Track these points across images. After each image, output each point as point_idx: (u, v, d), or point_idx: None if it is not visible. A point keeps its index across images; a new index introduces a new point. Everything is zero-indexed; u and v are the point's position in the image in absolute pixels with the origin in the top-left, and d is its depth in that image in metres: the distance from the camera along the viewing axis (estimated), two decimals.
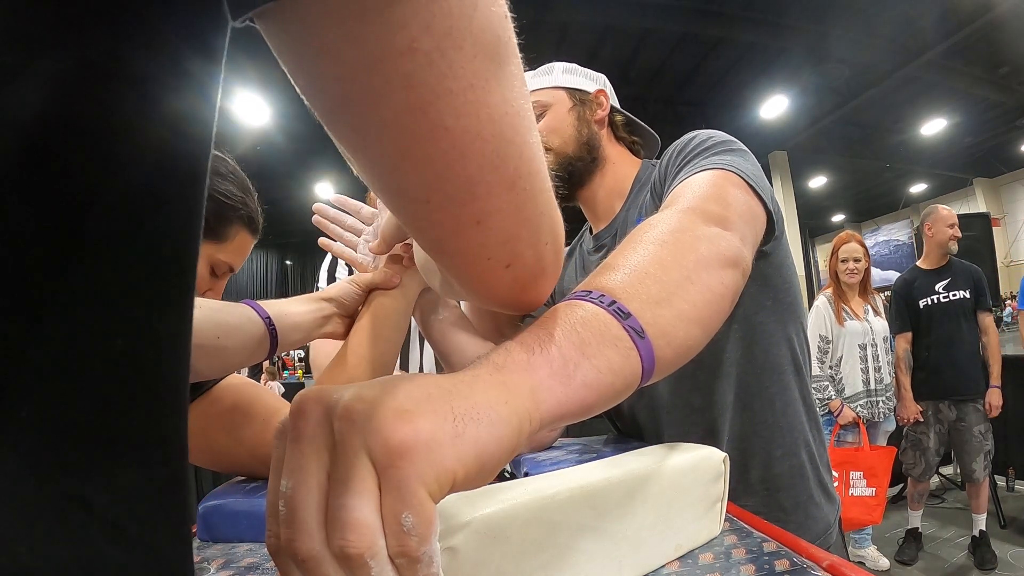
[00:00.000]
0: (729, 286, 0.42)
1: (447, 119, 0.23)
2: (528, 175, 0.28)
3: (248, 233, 0.74)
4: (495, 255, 0.30)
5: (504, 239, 0.29)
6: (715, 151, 0.63)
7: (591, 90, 0.84)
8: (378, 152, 0.25)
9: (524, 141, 0.27)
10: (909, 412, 2.49)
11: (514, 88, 0.26)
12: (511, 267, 0.31)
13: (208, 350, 0.55)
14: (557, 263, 0.35)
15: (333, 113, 0.24)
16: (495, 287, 0.32)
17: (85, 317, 0.17)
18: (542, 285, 0.34)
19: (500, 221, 0.28)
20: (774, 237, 0.66)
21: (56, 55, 0.16)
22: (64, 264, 0.16)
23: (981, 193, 10.65)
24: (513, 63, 0.25)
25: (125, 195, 0.18)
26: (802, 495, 0.72)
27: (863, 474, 2.22)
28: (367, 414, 0.21)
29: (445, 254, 0.31)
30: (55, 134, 0.16)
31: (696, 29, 5.35)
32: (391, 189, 0.27)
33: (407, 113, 0.23)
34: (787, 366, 0.73)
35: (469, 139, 0.24)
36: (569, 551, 0.34)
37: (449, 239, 0.29)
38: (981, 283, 2.51)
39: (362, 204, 0.77)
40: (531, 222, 0.30)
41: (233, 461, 0.63)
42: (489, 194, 0.27)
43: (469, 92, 0.23)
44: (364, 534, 0.20)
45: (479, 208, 0.27)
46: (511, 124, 0.26)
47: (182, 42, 0.20)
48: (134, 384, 0.18)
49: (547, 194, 0.31)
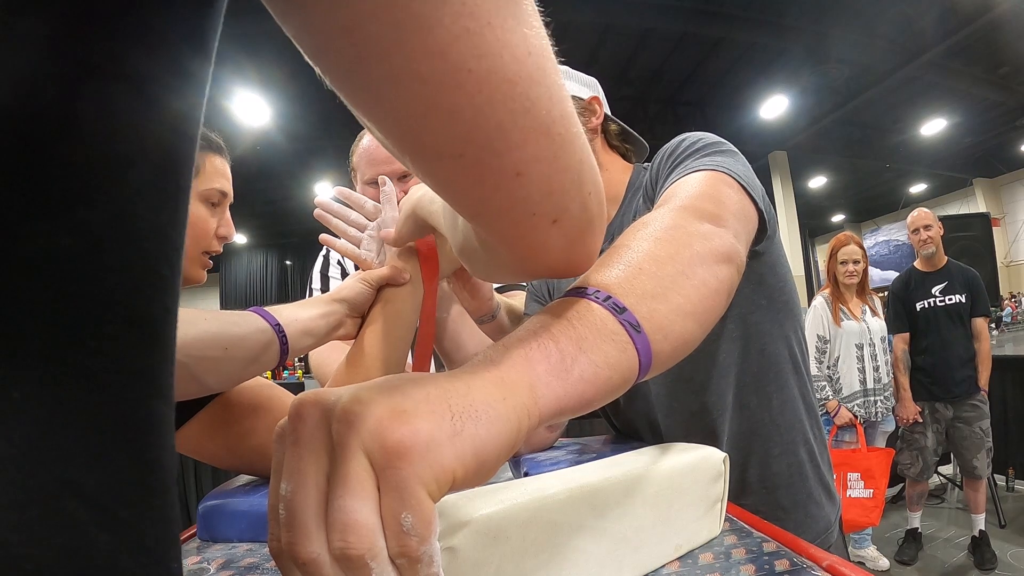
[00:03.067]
0: (724, 281, 0.42)
1: (469, 61, 0.22)
2: (561, 118, 0.27)
3: (215, 155, 0.74)
4: (540, 209, 0.29)
5: (547, 191, 0.28)
6: (706, 152, 0.64)
7: (585, 97, 0.84)
8: (403, 109, 0.23)
9: (552, 82, 0.26)
10: (908, 412, 2.49)
11: (533, 26, 0.24)
12: (558, 222, 0.30)
13: (217, 362, 0.54)
14: (602, 214, 0.34)
15: (349, 74, 0.23)
16: (544, 247, 0.31)
17: (77, 305, 0.17)
18: (591, 240, 0.33)
19: (540, 170, 0.27)
20: (766, 237, 0.66)
21: (56, 55, 0.16)
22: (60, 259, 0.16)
23: (981, 193, 10.64)
24: None
25: (125, 195, 0.18)
26: (801, 494, 0.72)
27: (860, 475, 2.22)
28: (364, 416, 0.21)
29: (487, 216, 0.30)
30: (54, 134, 0.16)
31: (696, 29, 5.35)
32: (422, 150, 0.26)
33: (426, 59, 0.22)
34: (784, 364, 0.73)
35: (495, 81, 0.23)
36: (569, 551, 0.34)
37: (490, 197, 0.28)
38: (978, 287, 2.51)
39: (366, 198, 0.75)
40: (572, 170, 0.29)
41: (251, 460, 0.62)
42: (525, 141, 0.26)
43: (488, 31, 0.22)
44: (364, 535, 0.20)
45: (516, 158, 0.26)
46: (537, 64, 0.25)
47: (182, 42, 0.20)
48: (122, 367, 0.18)
49: (583, 139, 0.30)
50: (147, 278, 0.19)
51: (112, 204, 0.17)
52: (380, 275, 0.68)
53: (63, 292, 0.16)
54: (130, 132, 0.18)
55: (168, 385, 0.20)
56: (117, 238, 0.18)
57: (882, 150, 8.71)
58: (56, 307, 0.16)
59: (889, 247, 11.06)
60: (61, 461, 0.16)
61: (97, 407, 0.17)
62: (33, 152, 0.15)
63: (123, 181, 0.18)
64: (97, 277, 0.17)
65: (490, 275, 0.42)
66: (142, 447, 0.19)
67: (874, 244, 10.63)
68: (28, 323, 0.15)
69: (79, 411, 0.16)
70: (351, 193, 0.75)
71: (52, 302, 0.16)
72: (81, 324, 0.17)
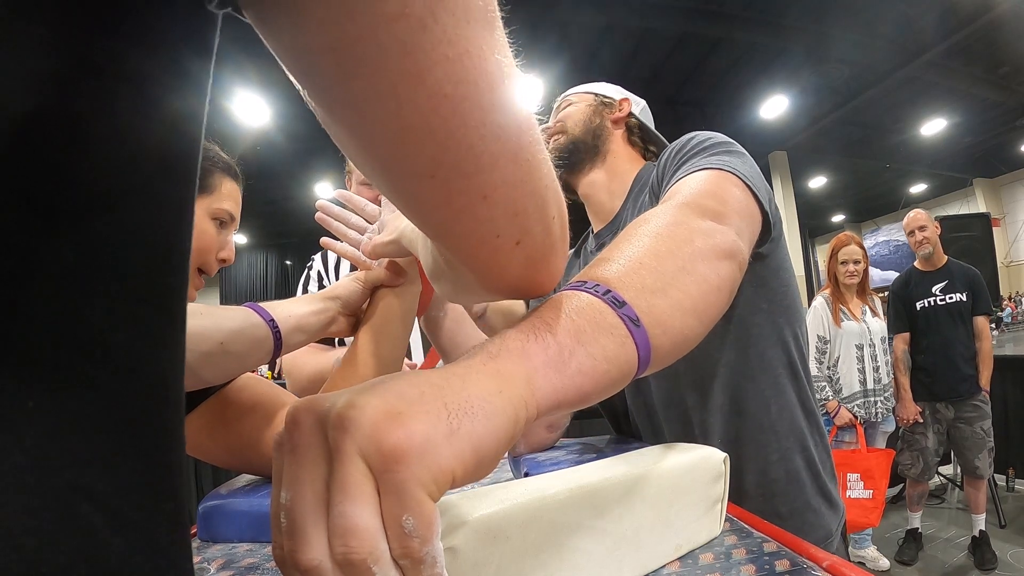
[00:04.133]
0: (725, 278, 0.42)
1: (446, 86, 0.23)
2: (529, 145, 0.28)
3: (231, 180, 0.76)
4: (504, 231, 0.29)
5: (512, 213, 0.29)
6: (713, 151, 0.63)
7: (616, 97, 0.94)
8: (379, 128, 0.24)
9: (520, 110, 0.27)
10: (909, 412, 2.49)
11: (506, 55, 0.25)
12: (521, 244, 0.30)
13: (212, 356, 0.55)
14: (565, 239, 0.34)
15: (329, 91, 0.24)
16: (507, 268, 0.32)
17: (85, 313, 0.17)
18: (554, 263, 0.34)
19: (507, 193, 0.28)
20: (771, 239, 0.66)
21: (56, 55, 0.16)
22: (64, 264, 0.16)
23: (981, 193, 10.64)
24: (499, 28, 0.25)
25: (125, 195, 0.18)
26: (798, 502, 0.71)
27: (860, 476, 2.22)
28: (359, 420, 0.21)
29: (453, 236, 0.30)
30: (55, 134, 0.16)
31: (696, 29, 5.34)
32: (394, 169, 0.26)
33: (404, 81, 0.22)
34: (782, 369, 0.73)
35: (468, 107, 0.24)
36: (569, 551, 0.34)
37: (457, 218, 0.28)
38: (979, 286, 2.50)
39: (367, 201, 0.75)
40: (537, 194, 0.29)
41: (251, 460, 0.63)
42: (494, 165, 0.26)
43: (466, 58, 0.23)
44: (366, 539, 0.20)
45: (485, 180, 0.26)
46: (508, 92, 0.25)
47: (182, 42, 0.20)
48: (132, 375, 0.18)
49: (549, 165, 0.30)
50: (153, 286, 0.19)
51: (117, 213, 0.17)
52: (376, 276, 0.68)
53: (70, 303, 0.16)
54: (130, 132, 0.18)
55: (177, 390, 0.21)
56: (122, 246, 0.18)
57: (882, 150, 8.71)
58: (64, 318, 0.16)
59: (889, 247, 11.06)
60: (73, 467, 0.16)
61: (107, 414, 0.17)
62: (36, 157, 0.15)
63: (126, 185, 0.18)
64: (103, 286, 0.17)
65: (457, 296, 0.42)
66: (152, 451, 0.19)
67: (874, 244, 10.63)
68: (37, 334, 0.16)
69: (89, 418, 0.17)
70: (351, 196, 0.75)
71: (59, 313, 0.16)
72: (88, 334, 0.17)
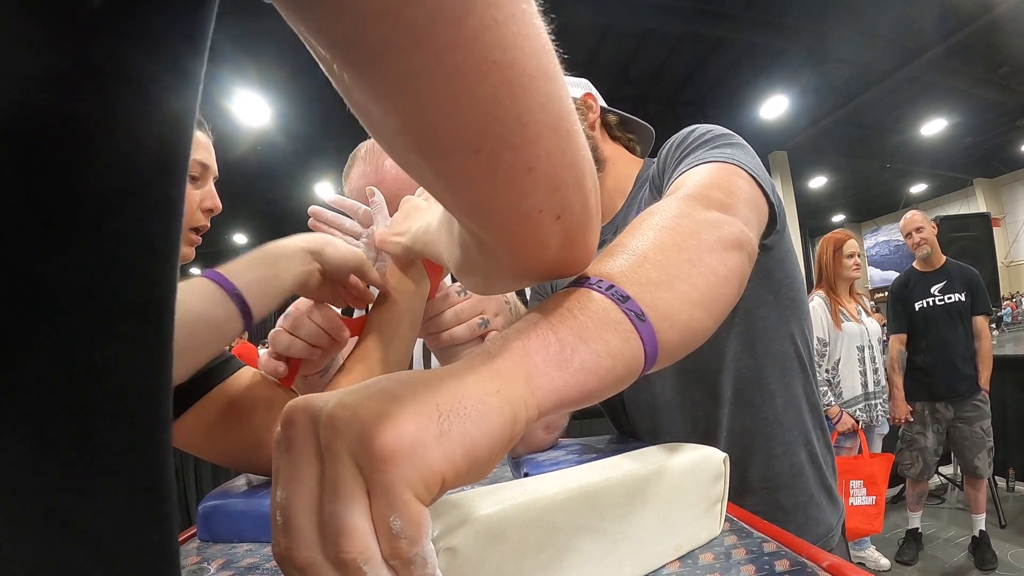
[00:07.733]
0: (733, 268, 0.41)
1: (494, 52, 0.22)
2: (568, 114, 0.27)
3: (197, 129, 0.73)
4: (546, 205, 0.29)
5: (554, 186, 0.28)
6: (715, 144, 0.63)
7: (578, 95, 0.86)
8: (426, 101, 0.23)
9: (561, 78, 0.26)
10: (900, 412, 2.48)
11: (541, 22, 0.25)
12: (561, 218, 0.30)
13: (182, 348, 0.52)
14: (599, 212, 0.34)
15: (373, 65, 0.22)
16: (546, 245, 0.31)
17: (71, 327, 0.16)
18: (590, 236, 0.33)
19: (549, 166, 0.27)
20: (775, 231, 0.65)
21: (56, 55, 0.16)
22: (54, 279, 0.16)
23: (981, 193, 10.65)
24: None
25: (125, 196, 0.18)
26: (802, 495, 0.71)
27: (863, 482, 2.19)
28: (349, 420, 0.21)
29: (494, 213, 0.29)
30: (55, 134, 0.16)
31: (696, 29, 5.35)
32: (438, 146, 0.25)
33: (452, 49, 0.22)
34: (789, 362, 0.73)
35: (516, 74, 0.23)
36: (569, 551, 0.34)
37: (501, 193, 0.28)
38: (978, 285, 2.50)
39: (360, 204, 0.74)
40: (576, 167, 0.29)
41: (250, 459, 0.62)
42: (539, 136, 0.26)
43: (512, 23, 0.22)
44: (356, 540, 0.20)
45: (531, 153, 0.26)
46: (550, 59, 0.25)
47: (181, 42, 0.20)
48: (116, 394, 0.18)
49: (583, 136, 0.30)
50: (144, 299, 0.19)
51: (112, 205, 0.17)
52: (373, 278, 0.68)
53: (52, 320, 0.16)
54: (130, 132, 0.18)
55: (165, 408, 0.20)
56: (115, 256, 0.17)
57: (882, 150, 8.71)
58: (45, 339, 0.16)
59: (889, 247, 11.05)
60: (48, 493, 0.16)
61: (88, 436, 0.17)
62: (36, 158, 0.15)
63: (125, 187, 0.18)
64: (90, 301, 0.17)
65: (488, 287, 0.41)
66: (138, 476, 0.18)
67: (874, 244, 10.62)
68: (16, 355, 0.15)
69: (66, 445, 0.16)
70: (344, 200, 0.74)
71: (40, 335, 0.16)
72: (70, 350, 0.16)
